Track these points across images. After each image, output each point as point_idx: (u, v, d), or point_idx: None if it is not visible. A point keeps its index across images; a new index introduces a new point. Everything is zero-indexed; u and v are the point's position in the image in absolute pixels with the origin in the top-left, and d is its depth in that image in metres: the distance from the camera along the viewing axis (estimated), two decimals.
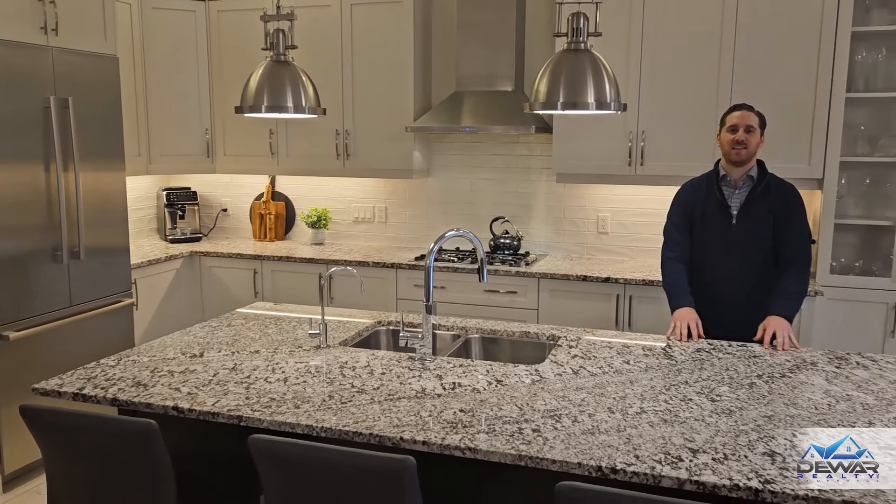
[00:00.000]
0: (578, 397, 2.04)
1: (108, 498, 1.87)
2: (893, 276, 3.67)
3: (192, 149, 4.82)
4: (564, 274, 3.93)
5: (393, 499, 1.59)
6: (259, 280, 4.55)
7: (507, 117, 4.13)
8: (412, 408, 1.96)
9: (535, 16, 4.36)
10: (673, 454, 1.68)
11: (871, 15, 3.73)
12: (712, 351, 2.51)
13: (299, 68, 2.43)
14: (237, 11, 4.66)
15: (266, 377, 2.21)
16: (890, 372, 2.30)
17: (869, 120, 3.82)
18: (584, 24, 2.08)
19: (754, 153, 2.75)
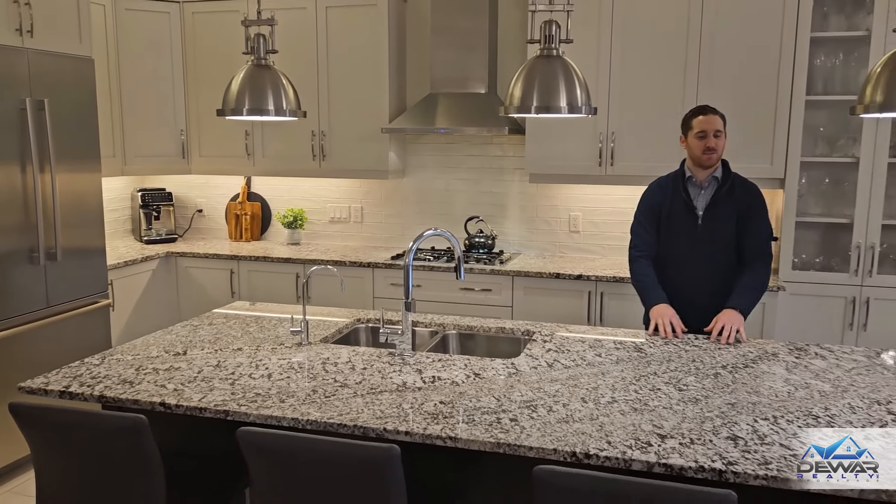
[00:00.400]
0: (553, 388, 2.13)
1: (97, 492, 1.91)
2: (851, 271, 3.83)
3: (167, 150, 4.83)
4: (538, 272, 4.03)
5: (378, 486, 1.66)
6: (236, 280, 4.58)
7: (481, 119, 4.22)
8: (394, 400, 2.03)
9: (507, 20, 4.45)
10: (643, 440, 1.78)
11: (828, 21, 3.88)
12: (679, 344, 2.62)
13: (280, 72, 2.49)
14: (211, 13, 4.68)
15: (250, 373, 2.26)
16: (846, 362, 2.42)
17: (828, 122, 3.98)
18: (556, 32, 2.17)
19: (722, 155, 2.86)
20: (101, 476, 1.89)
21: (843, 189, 3.96)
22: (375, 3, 4.37)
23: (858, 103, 2.05)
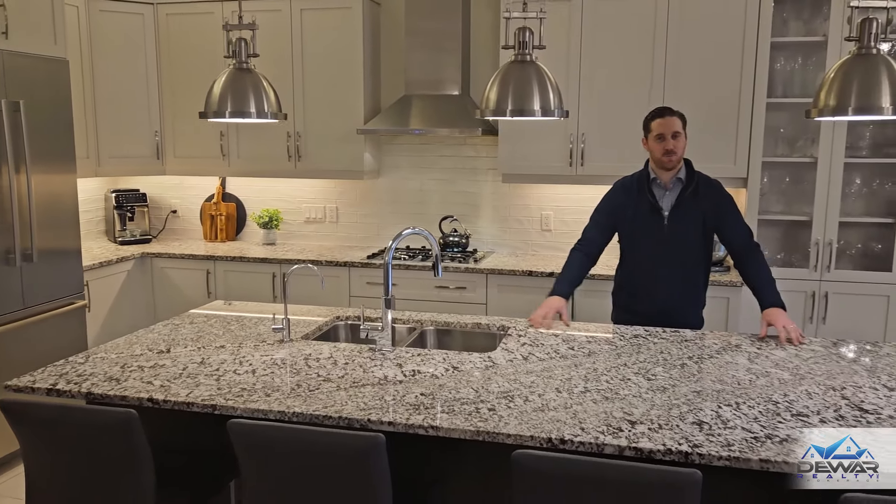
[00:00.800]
0: (528, 380, 2.23)
1: (88, 487, 1.96)
2: (811, 266, 3.99)
3: (141, 151, 4.84)
4: (511, 269, 4.13)
5: (365, 473, 1.74)
6: (212, 280, 4.61)
7: (455, 120, 4.31)
8: (376, 393, 2.11)
9: (479, 23, 4.55)
10: (614, 426, 1.88)
11: (788, 26, 4.04)
12: (648, 336, 2.74)
13: (261, 75, 2.55)
14: (186, 14, 4.70)
15: (234, 369, 2.32)
16: (804, 352, 2.56)
17: (788, 123, 4.14)
18: (529, 38, 2.26)
19: (683, 155, 2.94)
20: (92, 471, 1.94)
21: (802, 188, 4.12)
22: (350, 5, 4.44)
23: (813, 107, 2.18)
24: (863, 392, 2.14)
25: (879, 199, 4.09)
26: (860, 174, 4.08)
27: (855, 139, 4.03)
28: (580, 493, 1.61)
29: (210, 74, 4.58)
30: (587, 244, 3.07)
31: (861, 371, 2.35)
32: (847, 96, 2.04)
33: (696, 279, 3.01)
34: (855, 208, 4.11)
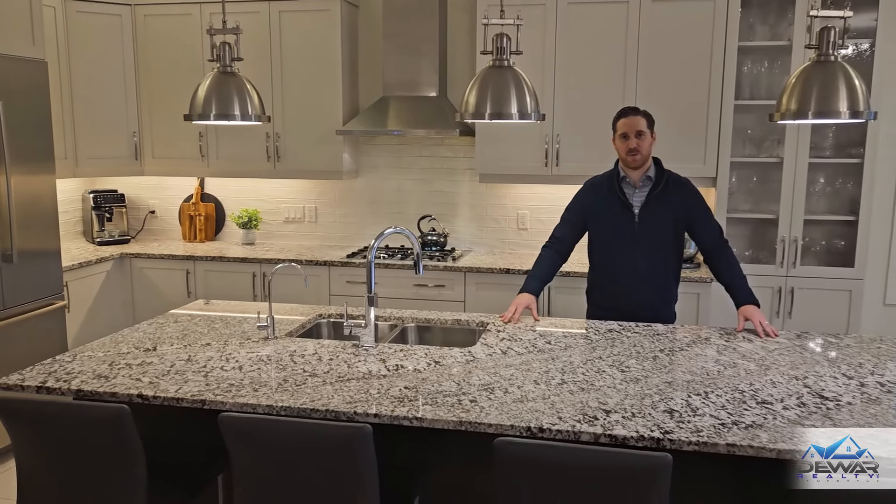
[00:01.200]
0: (508, 373, 2.32)
1: (80, 482, 2.00)
2: (777, 262, 4.14)
3: (119, 151, 4.85)
4: (489, 267, 4.22)
5: (352, 463, 1.81)
6: (192, 280, 4.64)
7: (432, 121, 4.39)
8: (361, 387, 2.18)
9: (456, 26, 4.63)
10: (590, 415, 1.97)
11: (754, 31, 4.18)
12: (622, 331, 2.84)
13: (244, 78, 2.60)
14: (164, 16, 4.72)
15: (221, 366, 2.38)
16: (770, 344, 2.68)
17: (755, 124, 4.28)
18: (506, 44, 2.35)
19: (649, 153, 3.00)
20: (84, 466, 1.99)
21: (769, 187, 4.27)
22: (328, 7, 4.49)
23: (776, 111, 2.29)
24: (823, 381, 2.26)
25: (842, 198, 4.25)
26: (824, 174, 4.24)
27: (819, 140, 4.18)
28: (559, 477, 1.70)
29: (189, 75, 4.66)
30: (558, 242, 3.17)
31: (823, 361, 2.48)
32: (807, 101, 2.15)
33: (668, 275, 3.11)
34: (819, 206, 4.26)
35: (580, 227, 3.16)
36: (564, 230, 3.17)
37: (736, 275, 2.98)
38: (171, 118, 4.79)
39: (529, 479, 1.71)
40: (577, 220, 3.15)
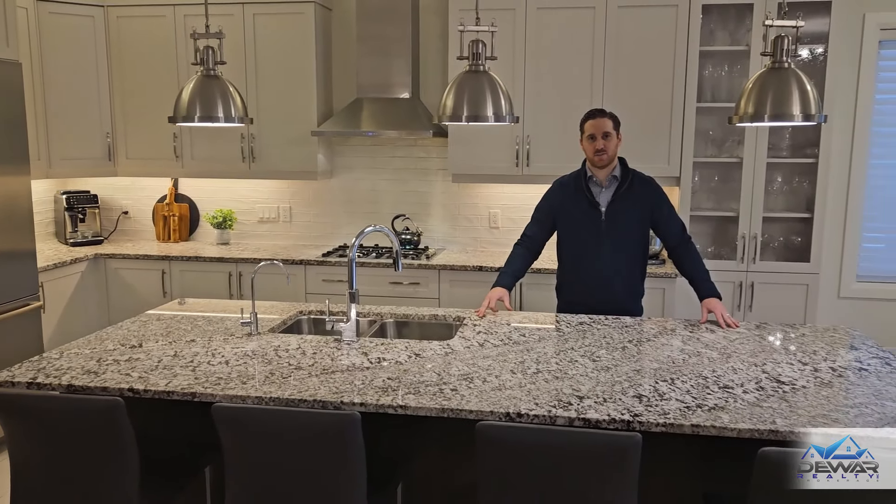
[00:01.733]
0: (486, 364, 2.43)
1: (74, 473, 2.06)
2: (738, 258, 4.32)
3: (93, 152, 4.86)
4: (462, 265, 4.34)
5: (341, 449, 1.90)
6: (168, 280, 4.67)
7: (406, 122, 4.49)
8: (346, 378, 2.28)
9: (427, 29, 4.74)
10: (564, 400, 2.09)
11: (714, 36, 4.36)
12: (592, 323, 2.97)
13: (228, 81, 2.68)
14: (137, 17, 4.75)
15: (208, 361, 2.45)
16: (731, 334, 2.83)
17: (716, 126, 4.46)
18: (482, 50, 2.46)
19: (615, 154, 3.13)
20: (79, 458, 2.05)
21: (730, 186, 4.45)
22: (302, 11, 4.56)
23: (735, 114, 2.44)
24: (781, 367, 2.42)
25: (798, 196, 4.45)
26: (781, 173, 4.43)
27: (776, 140, 4.38)
28: (538, 457, 1.81)
29: (163, 76, 4.70)
30: (528, 240, 3.30)
31: (780, 349, 2.64)
32: (763, 105, 2.30)
33: (634, 271, 3.24)
34: (776, 204, 4.45)
35: (550, 225, 3.29)
36: (535, 229, 3.30)
37: (699, 269, 3.13)
38: (144, 119, 4.82)
39: (510, 460, 1.82)
40: (546, 218, 3.28)
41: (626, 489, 1.80)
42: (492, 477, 1.86)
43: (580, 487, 1.81)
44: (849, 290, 4.63)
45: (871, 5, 4.36)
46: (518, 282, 3.37)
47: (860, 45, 4.39)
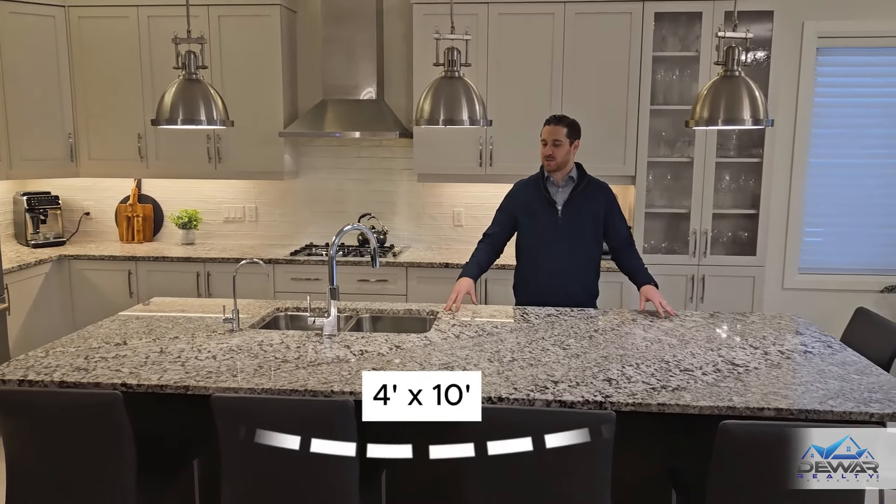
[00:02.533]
0: (463, 353, 2.57)
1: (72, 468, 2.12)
2: (690, 253, 4.56)
3: (54, 153, 4.83)
4: (429, 262, 4.47)
5: (337, 431, 2.02)
6: (134, 280, 4.68)
7: (372, 124, 4.60)
8: (333, 370, 2.39)
9: (392, 31, 4.85)
10: (540, 385, 2.25)
11: (666, 42, 4.59)
12: (559, 315, 3.14)
13: (209, 85, 2.75)
14: (99, 18, 4.74)
15: (195, 356, 2.53)
16: (688, 322, 3.04)
17: (668, 127, 4.70)
18: (457, 57, 2.60)
19: (564, 161, 3.29)
20: (76, 452, 2.10)
21: (682, 184, 4.69)
22: (268, 13, 4.63)
23: (691, 118, 2.64)
24: (734, 351, 2.63)
25: (745, 193, 4.71)
26: (729, 172, 4.69)
27: (724, 141, 4.63)
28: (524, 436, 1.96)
29: (126, 77, 4.72)
30: (491, 238, 3.47)
31: (733, 335, 2.85)
32: (717, 110, 2.50)
33: (589, 269, 3.42)
34: (725, 201, 4.71)
35: (511, 224, 3.46)
36: (496, 228, 3.47)
37: (637, 263, 3.37)
38: (108, 119, 4.81)
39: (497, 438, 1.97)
40: (507, 218, 3.45)
41: (602, 462, 1.96)
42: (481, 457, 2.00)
43: (561, 462, 1.96)
44: (792, 282, 4.93)
45: (810, 15, 4.65)
46: (483, 275, 3.52)
47: (800, 52, 4.68)
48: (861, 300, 4.17)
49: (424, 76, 4.48)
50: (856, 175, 4.88)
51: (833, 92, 4.81)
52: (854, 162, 4.87)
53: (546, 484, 1.98)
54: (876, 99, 4.81)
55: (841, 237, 4.96)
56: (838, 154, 4.87)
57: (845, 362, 2.50)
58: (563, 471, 1.96)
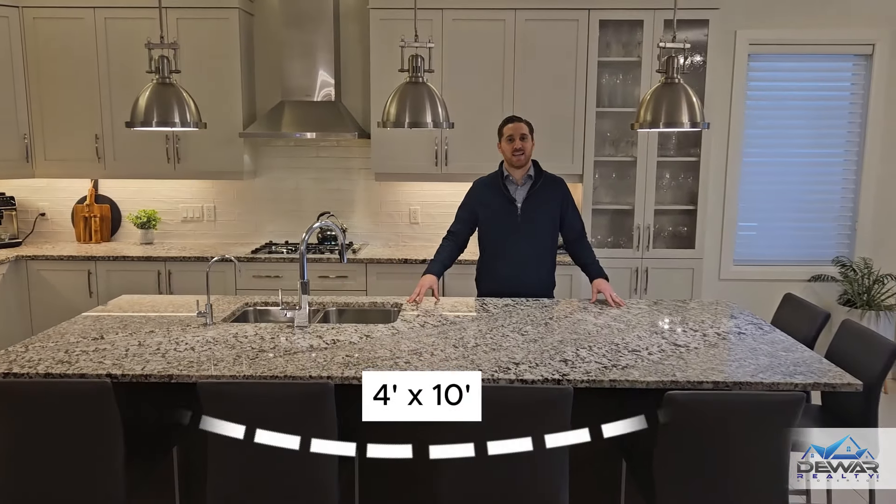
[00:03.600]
0: (430, 341, 2.75)
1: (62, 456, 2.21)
2: (634, 246, 4.84)
3: (9, 154, 4.82)
4: (388, 258, 4.64)
5: (317, 413, 2.18)
6: (94, 280, 4.71)
7: (330, 124, 4.73)
8: (308, 357, 2.54)
9: (348, 34, 5.00)
10: (503, 366, 2.45)
11: (610, 48, 4.86)
12: (515, 305, 3.36)
13: (182, 88, 2.87)
14: (54, 19, 4.75)
15: (174, 348, 2.65)
16: (634, 310, 3.29)
17: (613, 128, 4.97)
18: (421, 63, 2.78)
19: (530, 155, 3.53)
20: (67, 440, 2.20)
21: (626, 182, 4.97)
22: (227, 16, 4.72)
23: (636, 121, 2.88)
24: (676, 333, 2.88)
25: (684, 191, 5.02)
26: (669, 170, 5.00)
27: (665, 141, 4.93)
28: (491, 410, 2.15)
29: (82, 78, 4.76)
30: (454, 236, 3.66)
31: (675, 320, 3.11)
32: (659, 114, 2.75)
33: (546, 260, 3.65)
34: (666, 198, 5.01)
35: (473, 220, 3.65)
36: (459, 225, 3.66)
37: (590, 256, 3.61)
38: (64, 120, 4.83)
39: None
40: (469, 215, 3.64)
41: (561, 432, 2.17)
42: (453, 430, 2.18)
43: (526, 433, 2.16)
44: (728, 273, 5.27)
45: (742, 24, 4.99)
46: (446, 270, 3.70)
47: (733, 58, 5.02)
48: (790, 288, 4.50)
49: (381, 78, 4.65)
50: (785, 172, 5.25)
51: (764, 95, 5.17)
52: (784, 160, 5.24)
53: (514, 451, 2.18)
54: (803, 101, 5.18)
55: (772, 231, 5.33)
56: (769, 153, 5.23)
57: (774, 341, 2.78)
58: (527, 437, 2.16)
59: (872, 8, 4.97)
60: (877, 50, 5.00)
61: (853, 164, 5.20)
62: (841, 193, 5.25)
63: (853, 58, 5.10)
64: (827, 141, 5.21)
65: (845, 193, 5.24)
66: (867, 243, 5.20)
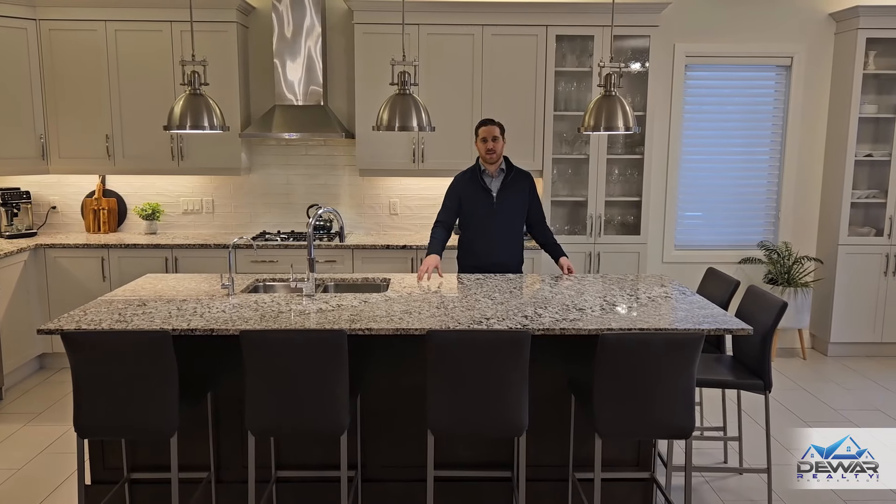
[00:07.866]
0: (417, 305, 3.38)
1: (126, 394, 2.79)
2: (587, 233, 5.53)
3: (26, 152, 5.32)
4: (373, 244, 5.26)
5: (335, 356, 2.79)
6: (107, 266, 5.24)
7: (319, 126, 5.33)
8: (321, 316, 3.16)
9: (335, 45, 5.60)
10: (477, 320, 3.09)
11: (566, 59, 5.54)
12: (486, 279, 4.01)
13: (210, 98, 3.45)
14: (69, 31, 5.26)
15: (208, 311, 3.23)
16: (587, 283, 3.96)
17: (569, 129, 5.65)
18: (408, 77, 3.41)
19: (501, 153, 4.21)
20: (134, 376, 2.78)
21: (580, 177, 5.66)
22: (226, 29, 5.28)
23: (582, 125, 3.54)
24: (615, 298, 3.56)
25: (631, 184, 5.73)
26: (618, 166, 5.70)
27: (614, 141, 5.63)
28: (468, 349, 2.79)
29: (94, 84, 5.33)
30: (443, 223, 4.29)
31: (616, 289, 3.79)
32: (599, 120, 3.42)
33: (517, 241, 4.32)
34: (615, 190, 5.71)
35: (456, 208, 4.30)
36: (445, 214, 4.30)
37: (550, 238, 4.32)
38: (77, 121, 5.34)
39: (449, 353, 2.79)
40: (453, 204, 4.29)
41: (521, 369, 2.82)
42: (438, 367, 2.82)
43: (493, 368, 2.80)
44: (670, 256, 5.99)
45: (679, 38, 5.70)
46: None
47: (672, 68, 5.73)
48: (723, 269, 5.22)
49: (365, 84, 5.27)
50: (719, 168, 5.99)
51: (699, 100, 5.90)
52: (718, 157, 5.98)
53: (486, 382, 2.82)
54: (735, 106, 5.93)
55: (708, 219, 6.07)
56: (705, 151, 5.97)
57: (693, 302, 3.48)
58: (496, 371, 2.80)
59: (791, 25, 5.74)
60: (795, 61, 5.77)
61: (776, 160, 5.96)
62: (766, 186, 6.01)
63: (775, 68, 5.86)
64: (754, 140, 5.96)
65: (770, 186, 6.01)
66: (788, 229, 5.97)
